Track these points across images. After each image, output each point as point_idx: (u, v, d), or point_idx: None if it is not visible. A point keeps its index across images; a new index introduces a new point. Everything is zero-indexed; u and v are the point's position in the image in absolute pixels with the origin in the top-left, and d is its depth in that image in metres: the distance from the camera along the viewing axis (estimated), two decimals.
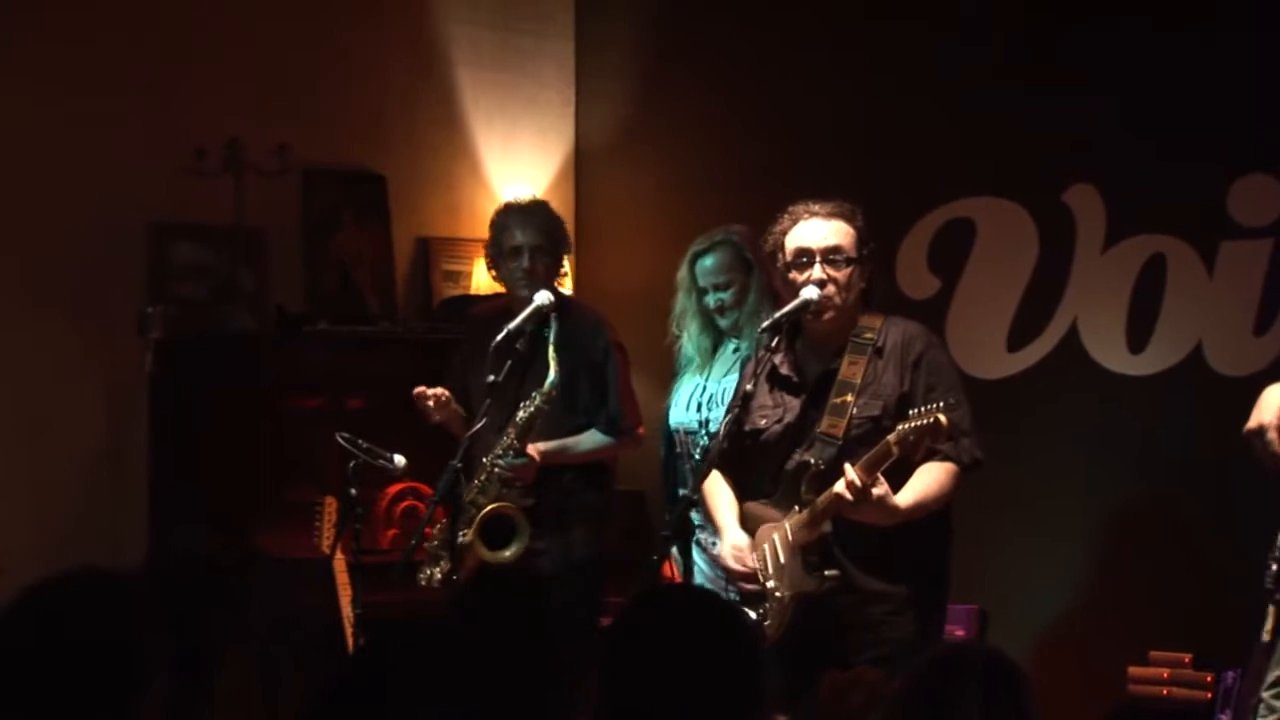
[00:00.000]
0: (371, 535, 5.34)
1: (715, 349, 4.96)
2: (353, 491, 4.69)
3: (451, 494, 4.54)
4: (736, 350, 4.88)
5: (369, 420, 5.32)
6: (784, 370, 4.16)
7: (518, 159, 6.60)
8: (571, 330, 4.83)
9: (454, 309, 6.06)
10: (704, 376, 4.92)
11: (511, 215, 4.98)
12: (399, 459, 4.78)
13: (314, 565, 4.95)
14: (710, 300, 4.88)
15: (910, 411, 3.84)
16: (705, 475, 4.10)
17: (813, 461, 4.00)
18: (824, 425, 4.03)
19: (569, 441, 4.86)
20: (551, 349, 4.65)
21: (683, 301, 4.98)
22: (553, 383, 4.64)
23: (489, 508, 4.71)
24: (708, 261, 4.90)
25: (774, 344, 4.06)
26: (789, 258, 4.11)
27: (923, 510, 3.97)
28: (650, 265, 6.22)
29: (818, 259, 4.05)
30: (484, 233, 5.11)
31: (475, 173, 6.49)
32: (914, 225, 5.63)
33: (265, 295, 5.88)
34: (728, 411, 4.29)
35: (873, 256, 4.17)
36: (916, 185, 5.67)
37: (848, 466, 3.88)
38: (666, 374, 5.21)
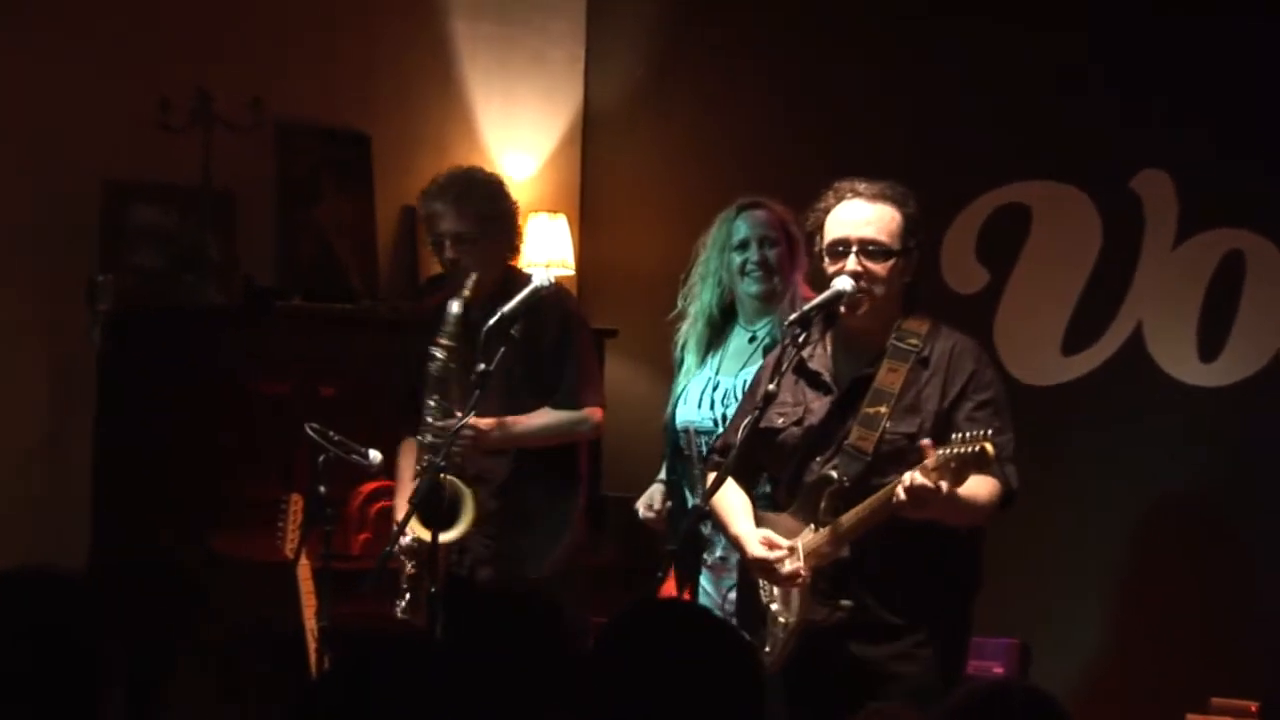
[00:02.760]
0: (341, 539, 5.31)
1: (710, 346, 4.90)
2: (321, 489, 4.65)
3: (432, 497, 4.47)
4: (753, 340, 4.81)
5: (343, 410, 5.37)
6: (813, 365, 4.08)
7: (518, 122, 6.59)
8: (532, 306, 4.73)
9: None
10: (714, 370, 4.86)
11: (429, 199, 4.90)
12: (374, 455, 4.72)
13: (275, 570, 4.92)
14: (751, 256, 4.78)
15: (954, 436, 3.76)
16: (718, 485, 3.99)
17: (836, 476, 3.93)
18: (853, 437, 3.95)
19: (520, 418, 4.80)
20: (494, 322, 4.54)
21: (705, 265, 4.88)
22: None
23: (425, 478, 4.65)
24: (760, 213, 4.83)
25: (801, 339, 3.97)
26: (825, 242, 4.02)
27: (972, 511, 3.90)
28: (663, 243, 6.17)
29: (854, 249, 3.97)
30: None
31: (470, 136, 6.48)
32: (962, 210, 5.57)
33: (232, 266, 5.84)
34: (741, 412, 4.24)
35: (920, 249, 4.07)
36: (966, 165, 5.60)
37: (913, 474, 3.76)
38: (668, 360, 5.10)
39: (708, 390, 4.85)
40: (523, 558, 4.81)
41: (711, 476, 4.10)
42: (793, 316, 4.01)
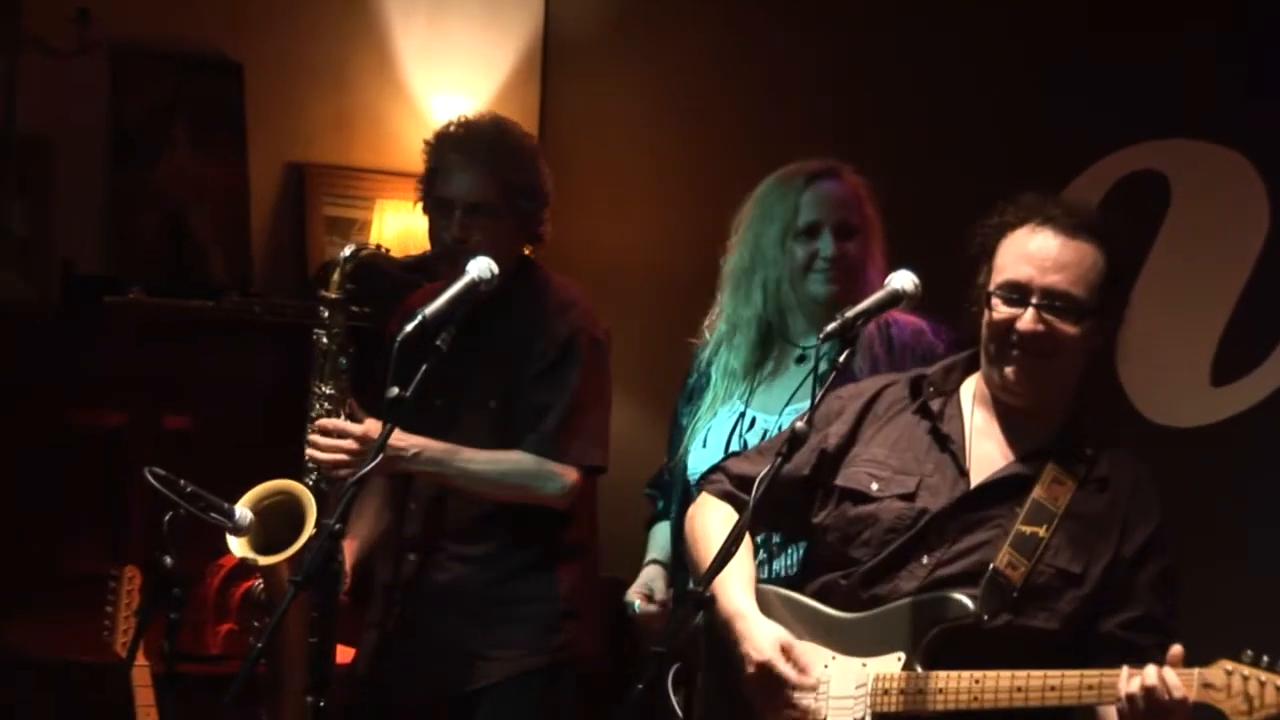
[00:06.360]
0: (195, 632, 5.43)
1: (756, 368, 4.86)
2: (168, 561, 4.51)
3: (324, 574, 4.43)
4: (803, 361, 4.77)
5: (201, 449, 5.38)
6: (946, 428, 4.07)
7: (453, 50, 6.69)
8: (527, 313, 4.85)
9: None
10: (743, 399, 4.80)
11: (449, 146, 4.96)
12: (243, 514, 4.72)
13: (102, 674, 4.97)
14: (824, 249, 4.68)
15: (1245, 654, 3.61)
16: (729, 554, 3.77)
17: (972, 608, 3.85)
18: (1002, 558, 3.92)
19: (461, 448, 4.85)
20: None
21: (755, 250, 4.78)
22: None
23: (269, 486, 4.75)
24: (834, 187, 4.73)
25: (842, 358, 3.87)
26: (995, 280, 3.98)
27: None
28: (650, 222, 6.17)
29: (1034, 299, 3.93)
30: (391, 160, 5.11)
31: (385, 68, 6.59)
32: (1069, 182, 5.54)
33: (46, 245, 6.01)
34: (775, 443, 4.13)
35: (1122, 304, 4.03)
36: (1074, 119, 5.59)
37: (1165, 672, 3.65)
38: (666, 389, 5.10)
39: (739, 427, 4.77)
40: (475, 655, 4.88)
41: (709, 501, 4.12)
42: (829, 327, 3.89)
